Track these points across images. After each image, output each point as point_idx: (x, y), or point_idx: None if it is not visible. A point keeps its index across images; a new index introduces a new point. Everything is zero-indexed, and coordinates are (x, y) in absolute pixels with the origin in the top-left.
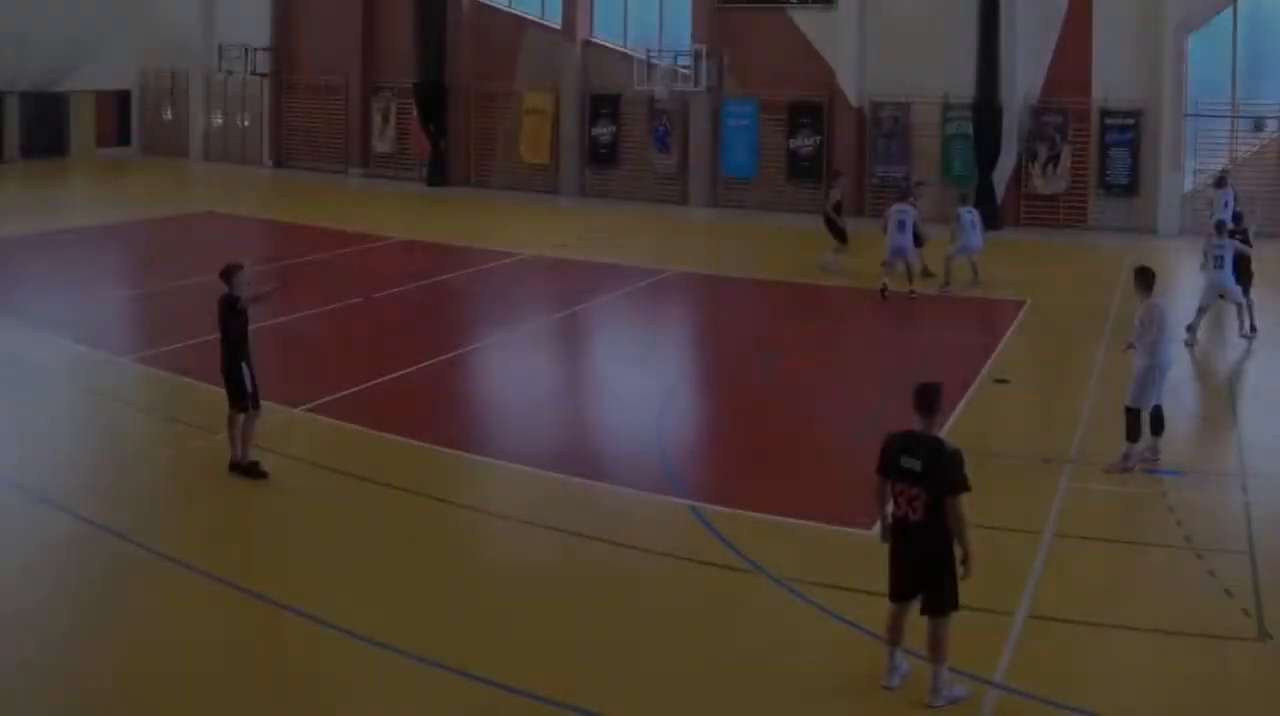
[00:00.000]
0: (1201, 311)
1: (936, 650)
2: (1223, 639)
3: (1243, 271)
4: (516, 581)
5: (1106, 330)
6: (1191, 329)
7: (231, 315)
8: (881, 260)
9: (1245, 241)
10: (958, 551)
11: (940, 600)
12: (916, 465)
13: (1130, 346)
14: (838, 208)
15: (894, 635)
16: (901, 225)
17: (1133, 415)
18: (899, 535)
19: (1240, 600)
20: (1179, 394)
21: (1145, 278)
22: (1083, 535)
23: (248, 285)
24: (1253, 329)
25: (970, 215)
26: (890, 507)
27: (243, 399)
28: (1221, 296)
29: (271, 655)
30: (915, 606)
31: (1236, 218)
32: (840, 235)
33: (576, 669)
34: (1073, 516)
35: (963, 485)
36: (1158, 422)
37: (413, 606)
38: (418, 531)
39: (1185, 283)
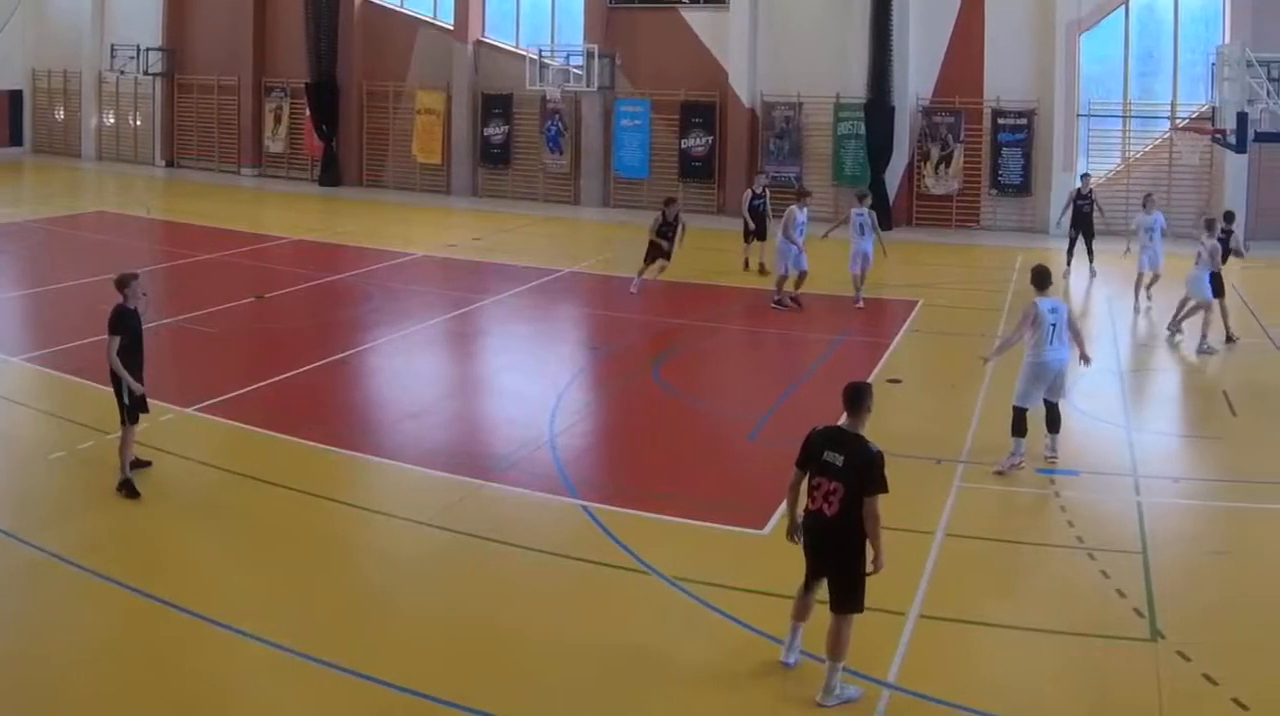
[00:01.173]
0: (1182, 306)
1: (836, 647)
2: (1115, 639)
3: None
4: (408, 582)
5: (999, 330)
6: (1172, 327)
7: (121, 325)
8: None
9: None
10: (868, 551)
11: (847, 600)
12: (839, 460)
13: (986, 359)
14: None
15: (799, 611)
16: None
17: (1017, 413)
18: (810, 529)
19: (1133, 600)
20: (1072, 394)
21: (1037, 276)
22: (975, 535)
23: (143, 296)
24: (1229, 339)
25: (861, 217)
26: (803, 504)
27: (131, 411)
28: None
29: (160, 655)
30: (822, 590)
31: (1229, 217)
32: (751, 233)
33: (468, 668)
34: (965, 516)
35: (882, 486)
36: (1053, 420)
37: (304, 606)
38: (308, 531)
39: (1075, 283)
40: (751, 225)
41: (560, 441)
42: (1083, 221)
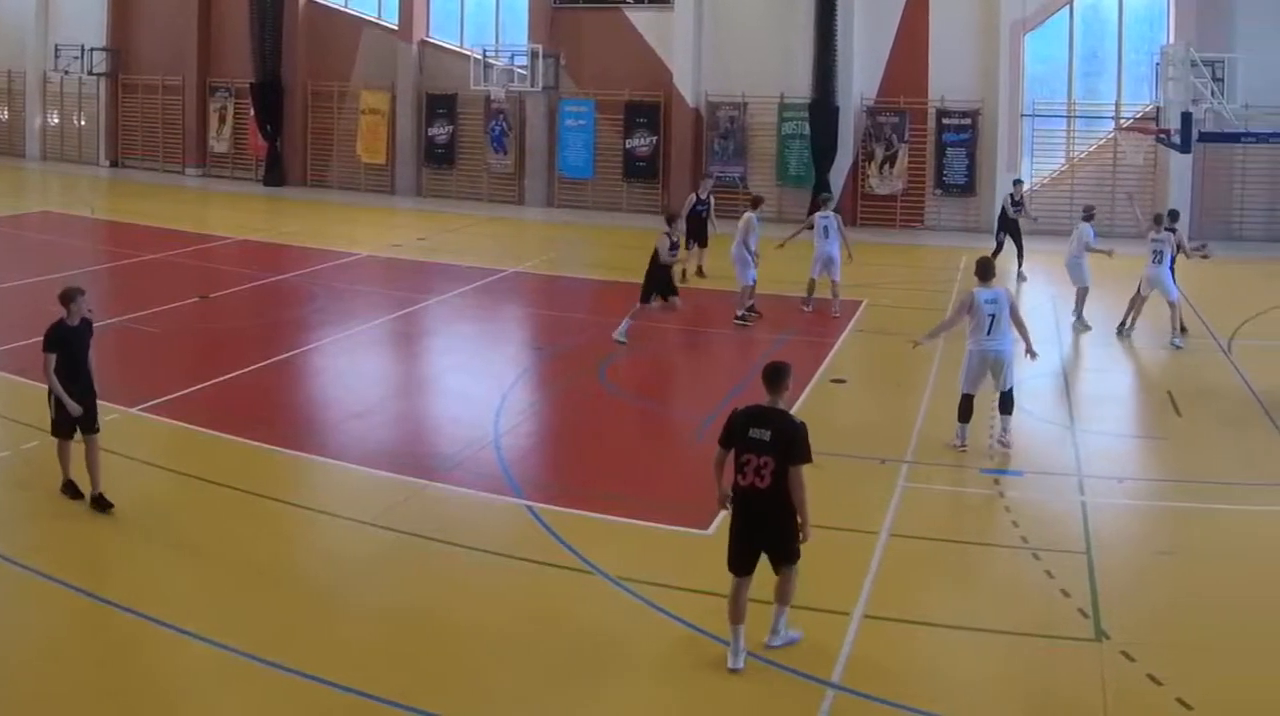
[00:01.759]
0: (1137, 300)
1: (784, 594)
2: (1060, 639)
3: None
4: (352, 581)
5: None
6: (1122, 324)
7: (56, 343)
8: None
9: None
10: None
11: (788, 553)
12: (766, 435)
13: (916, 343)
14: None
15: (737, 612)
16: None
17: (963, 399)
18: (745, 502)
19: (1077, 600)
20: (1017, 394)
21: (980, 267)
22: (920, 535)
23: (89, 311)
24: (1182, 329)
25: (825, 220)
26: (732, 479)
27: (56, 425)
28: (1154, 292)
29: (106, 656)
30: (752, 581)
31: (1173, 215)
32: (690, 237)
33: (412, 668)
34: (910, 516)
35: (807, 456)
36: (1005, 403)
37: (248, 606)
38: (253, 532)
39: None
40: (712, 230)
41: (505, 441)
42: (1009, 225)
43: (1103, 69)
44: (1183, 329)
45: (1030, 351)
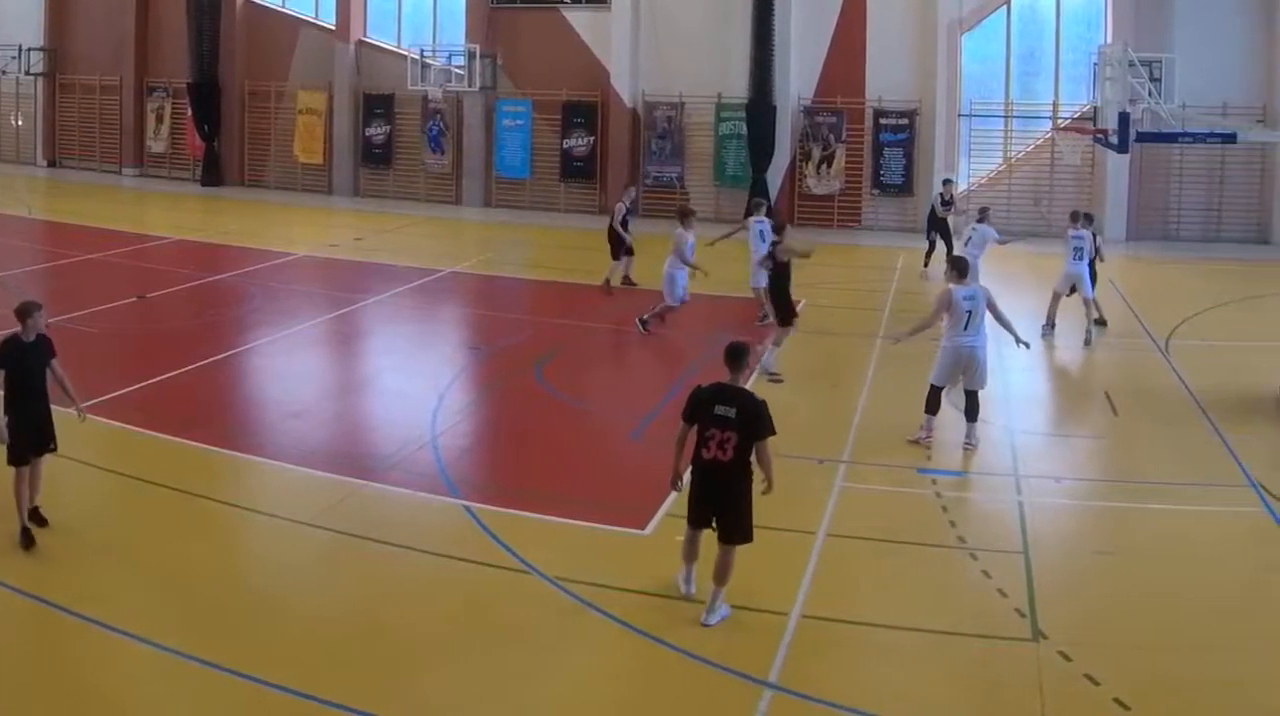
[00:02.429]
0: (1056, 298)
1: (724, 574)
2: (997, 639)
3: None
4: (290, 582)
5: (880, 329)
6: (1048, 321)
7: (6, 357)
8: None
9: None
10: (758, 487)
11: (737, 532)
12: (731, 412)
13: (896, 339)
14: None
15: (691, 553)
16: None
17: (932, 390)
18: (708, 474)
19: (1014, 600)
20: (952, 394)
21: (955, 266)
22: (857, 535)
23: (45, 326)
24: (1101, 322)
25: (761, 225)
26: (690, 454)
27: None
28: (1074, 289)
29: (44, 658)
30: (707, 536)
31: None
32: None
33: (350, 668)
34: (847, 516)
35: (772, 429)
36: (971, 409)
37: (187, 607)
38: (191, 532)
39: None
40: (628, 240)
41: (442, 441)
42: (939, 224)
43: (1040, 69)
44: (1101, 322)
45: (1021, 342)
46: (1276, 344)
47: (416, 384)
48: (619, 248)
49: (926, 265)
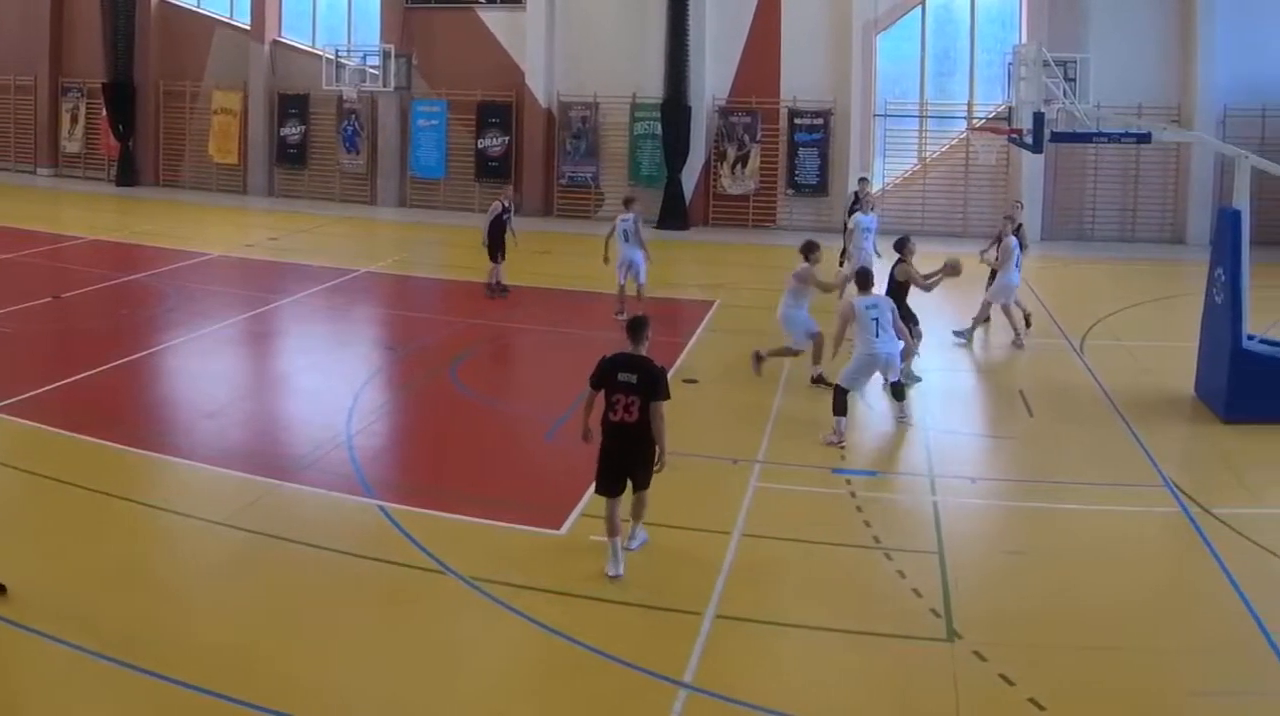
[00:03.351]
0: (1008, 311)
1: (639, 511)
2: (912, 639)
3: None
4: (205, 581)
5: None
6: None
7: None
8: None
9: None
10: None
11: (646, 480)
12: (633, 378)
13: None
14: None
15: (612, 528)
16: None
17: (837, 392)
18: (615, 435)
19: (929, 600)
20: (869, 394)
21: (859, 277)
22: (772, 535)
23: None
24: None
25: (626, 224)
26: (598, 417)
27: None
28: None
29: None
30: (625, 500)
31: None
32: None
33: (264, 668)
34: (762, 517)
35: (668, 393)
36: (896, 391)
37: (101, 607)
38: (105, 532)
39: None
40: (486, 240)
41: (357, 441)
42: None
43: (955, 69)
44: (983, 323)
45: (907, 351)
46: (1189, 344)
47: (331, 384)
48: (497, 248)
49: (842, 265)
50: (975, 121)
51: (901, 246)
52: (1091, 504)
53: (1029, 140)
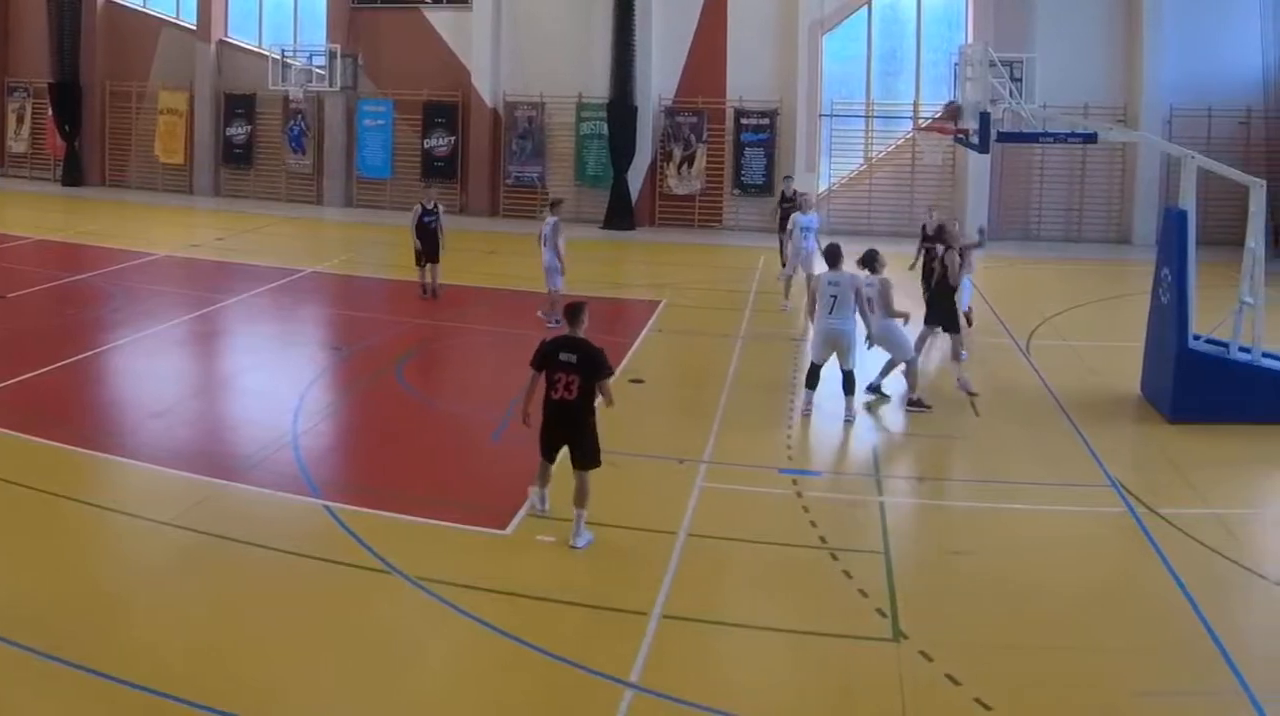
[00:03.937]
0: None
1: (582, 496)
2: (858, 639)
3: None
4: (151, 582)
5: (741, 330)
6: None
7: None
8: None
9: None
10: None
11: (587, 459)
12: (573, 358)
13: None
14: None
15: (544, 478)
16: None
17: (810, 367)
18: (555, 412)
19: (875, 600)
20: (818, 395)
21: (828, 254)
22: (718, 535)
23: None
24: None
25: (545, 227)
26: (539, 401)
27: None
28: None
29: None
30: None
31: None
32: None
33: (212, 668)
34: (708, 516)
35: (610, 371)
36: (846, 385)
37: (48, 607)
38: (51, 532)
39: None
40: (418, 245)
41: (303, 441)
42: (783, 224)
43: (901, 69)
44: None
45: (868, 337)
46: (1135, 344)
47: (278, 384)
48: (419, 252)
49: (784, 264)
50: (921, 121)
51: (871, 262)
52: (1038, 504)
53: (975, 140)
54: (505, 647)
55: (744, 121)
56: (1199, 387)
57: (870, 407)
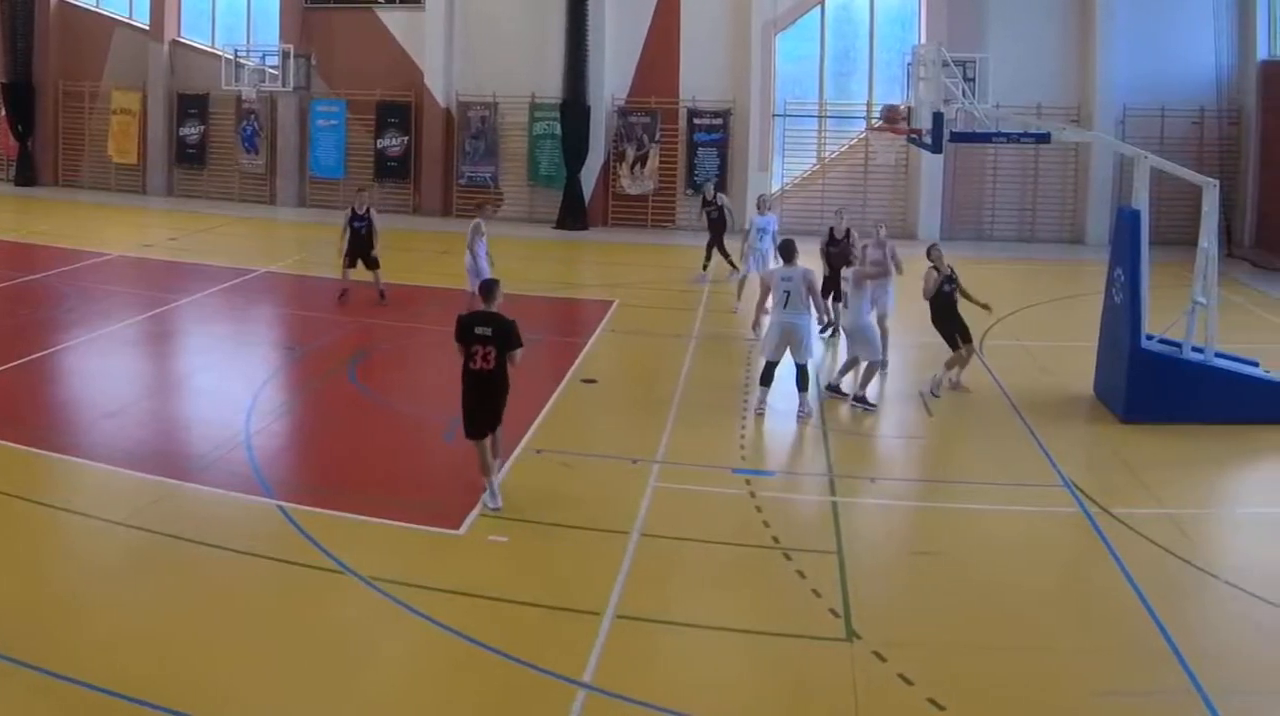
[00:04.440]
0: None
1: (497, 447)
2: (812, 639)
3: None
4: (104, 581)
5: (694, 330)
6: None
7: None
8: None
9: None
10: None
11: (498, 418)
12: (488, 332)
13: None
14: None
15: (485, 467)
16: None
17: (765, 365)
18: (474, 381)
19: (828, 600)
20: (771, 395)
21: (783, 249)
22: (671, 535)
23: None
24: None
25: (470, 229)
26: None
27: None
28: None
29: None
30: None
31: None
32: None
33: (162, 668)
34: (661, 516)
35: (521, 342)
36: (800, 380)
37: None
38: (5, 531)
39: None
40: (345, 248)
41: (256, 441)
42: (711, 227)
43: (854, 69)
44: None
45: (824, 326)
46: (1088, 344)
47: (231, 384)
48: (353, 256)
49: (705, 268)
50: (874, 121)
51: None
52: (991, 504)
53: (928, 140)
54: (458, 647)
55: (697, 121)
56: (1152, 387)
57: (857, 416)
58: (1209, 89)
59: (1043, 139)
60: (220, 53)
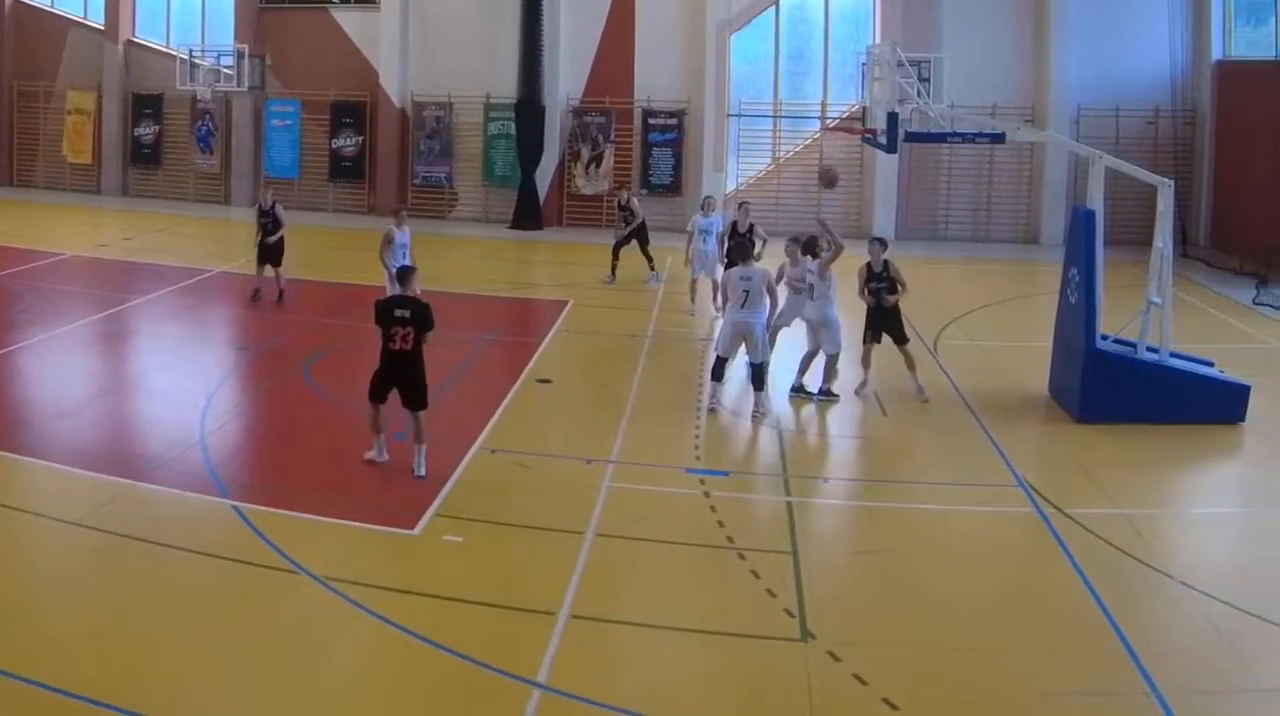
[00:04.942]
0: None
1: (420, 434)
2: (766, 639)
3: None
4: (58, 582)
5: (649, 331)
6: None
7: None
8: None
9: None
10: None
11: (420, 402)
12: (406, 314)
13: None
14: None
15: (376, 426)
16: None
17: (715, 360)
18: (393, 360)
19: (783, 600)
20: (724, 395)
21: (739, 249)
22: (625, 535)
23: None
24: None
25: (402, 235)
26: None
27: None
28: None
29: None
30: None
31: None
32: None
33: (115, 667)
34: (615, 516)
35: (433, 325)
36: (756, 379)
37: None
38: None
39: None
40: (269, 240)
41: (211, 441)
42: (637, 232)
43: (809, 69)
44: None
45: (769, 321)
46: (1043, 344)
47: (185, 384)
48: (267, 251)
49: (652, 269)
50: (829, 121)
51: (813, 248)
52: (946, 504)
53: (883, 140)
54: (413, 647)
55: (652, 121)
56: (1107, 387)
57: (820, 408)
58: (1164, 89)
59: (998, 139)
60: (175, 53)
